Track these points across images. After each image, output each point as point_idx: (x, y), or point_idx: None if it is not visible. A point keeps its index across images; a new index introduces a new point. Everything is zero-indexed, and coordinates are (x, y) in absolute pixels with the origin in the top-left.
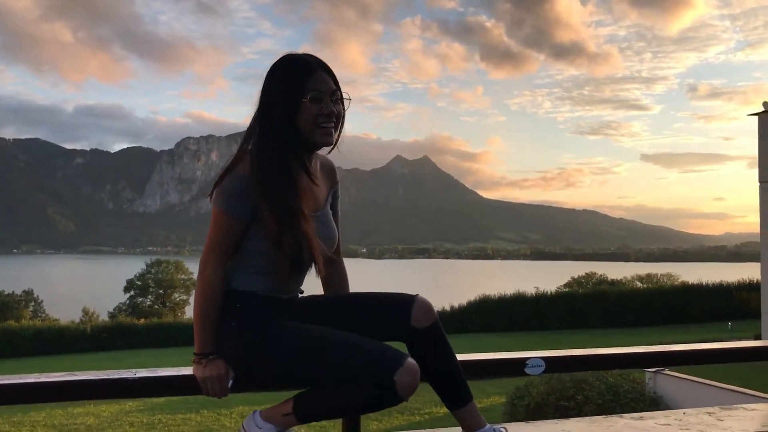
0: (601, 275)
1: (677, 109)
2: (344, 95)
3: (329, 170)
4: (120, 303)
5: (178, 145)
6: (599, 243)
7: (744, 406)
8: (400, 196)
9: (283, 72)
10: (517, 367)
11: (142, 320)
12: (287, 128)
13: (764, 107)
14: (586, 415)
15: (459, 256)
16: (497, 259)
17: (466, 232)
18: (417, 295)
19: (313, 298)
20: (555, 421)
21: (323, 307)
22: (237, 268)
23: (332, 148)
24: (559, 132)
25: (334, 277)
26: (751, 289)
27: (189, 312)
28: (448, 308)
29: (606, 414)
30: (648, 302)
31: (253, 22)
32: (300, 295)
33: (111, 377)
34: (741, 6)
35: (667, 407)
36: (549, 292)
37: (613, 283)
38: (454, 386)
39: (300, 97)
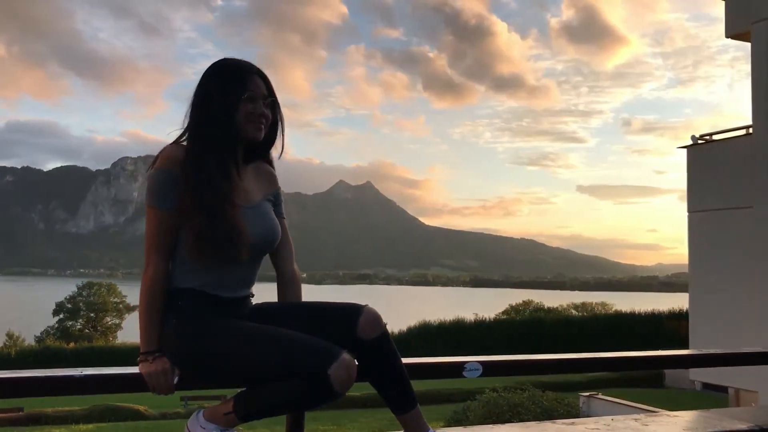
0: (537, 303)
1: (612, 142)
2: (276, 102)
3: (268, 174)
4: (48, 327)
5: (114, 164)
6: (536, 271)
7: (667, 413)
8: (343, 222)
9: (223, 73)
10: (455, 370)
11: (72, 344)
12: (228, 125)
13: (692, 140)
14: None
15: (400, 282)
16: (438, 285)
17: (407, 259)
18: (365, 305)
19: (262, 304)
20: (490, 426)
21: (270, 313)
22: (174, 265)
23: (268, 150)
24: (498, 162)
25: (288, 284)
26: (681, 318)
27: (121, 336)
28: None
29: None
30: (582, 329)
31: (195, 43)
32: (252, 299)
33: (56, 375)
34: (672, 45)
35: None
36: (488, 319)
37: (550, 310)
38: (400, 392)
39: (240, 95)
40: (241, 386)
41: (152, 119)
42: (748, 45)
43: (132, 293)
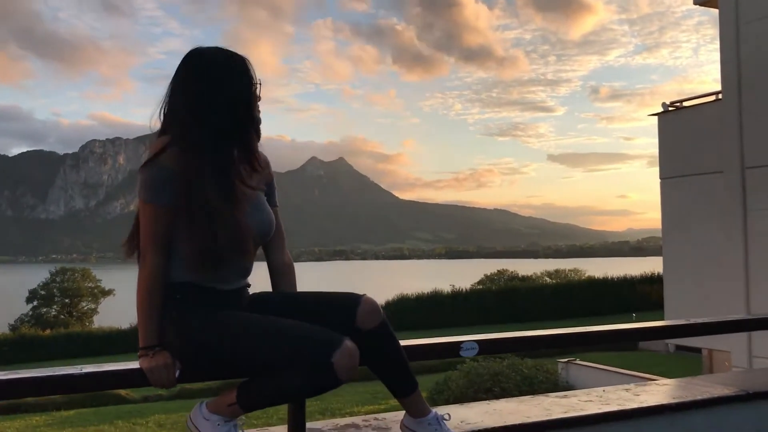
0: (512, 272)
1: (581, 110)
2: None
3: (263, 162)
4: (22, 314)
5: (82, 148)
6: (510, 241)
7: (657, 382)
8: (316, 198)
9: (229, 64)
10: (452, 350)
11: (47, 331)
12: (247, 119)
13: (663, 108)
14: None
15: (376, 256)
16: (413, 258)
17: (382, 233)
18: (363, 295)
19: (259, 295)
20: (487, 402)
21: (268, 304)
22: (171, 259)
23: (259, 137)
24: (469, 134)
25: (282, 273)
26: (652, 281)
27: (98, 321)
28: None
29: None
30: (557, 297)
31: (160, 21)
32: (248, 289)
33: (56, 374)
34: (638, 12)
35: None
36: (464, 290)
37: (524, 279)
38: (400, 377)
39: (254, 90)
40: (243, 377)
41: (120, 100)
42: (715, 11)
43: (107, 277)
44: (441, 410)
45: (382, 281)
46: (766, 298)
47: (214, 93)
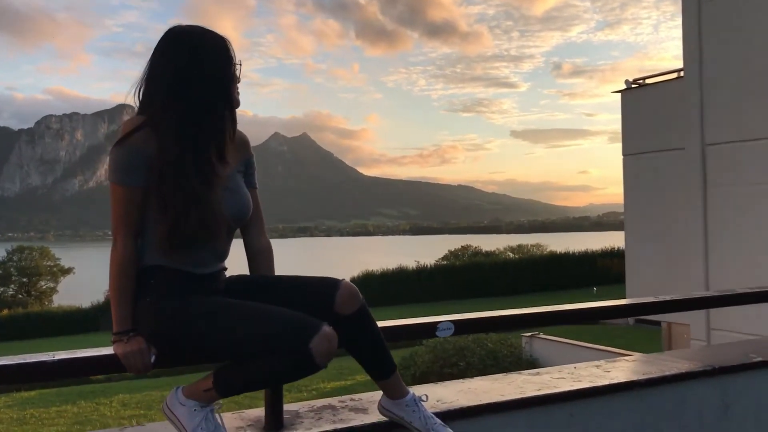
0: (476, 247)
1: (543, 86)
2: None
3: (241, 141)
4: None
5: (38, 123)
6: (474, 216)
7: (626, 358)
8: (280, 175)
9: (207, 40)
10: (428, 330)
11: (5, 311)
12: (226, 99)
13: (626, 85)
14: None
15: (341, 233)
16: (378, 235)
17: (347, 210)
18: (342, 280)
19: (236, 278)
20: (461, 381)
21: (246, 288)
22: (143, 242)
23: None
24: (433, 109)
25: (260, 256)
26: (613, 255)
27: (57, 300)
28: None
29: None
30: (520, 272)
31: None
32: (225, 272)
33: (27, 361)
34: None
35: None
36: (428, 266)
37: (487, 254)
38: (379, 360)
39: (232, 71)
40: (220, 362)
41: (77, 74)
42: None
43: (66, 255)
44: (417, 390)
45: (347, 258)
46: (725, 272)
47: (192, 69)
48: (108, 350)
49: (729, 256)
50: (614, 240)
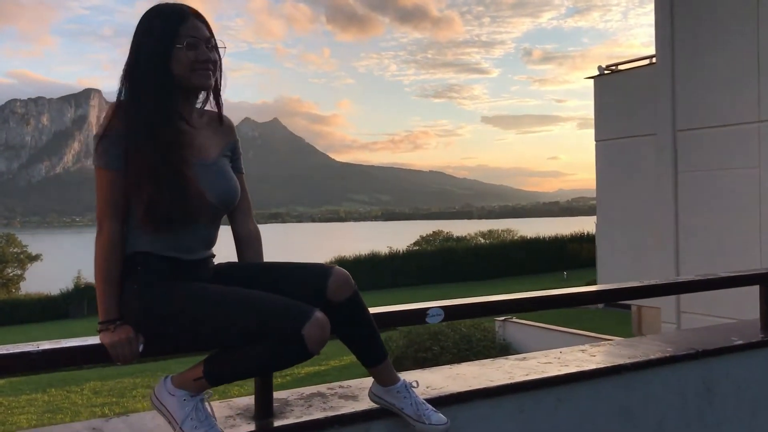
0: (447, 233)
1: (514, 72)
2: (219, 43)
3: (226, 125)
4: None
5: (2, 108)
6: (445, 202)
7: (610, 343)
8: (251, 160)
9: (155, 19)
10: (418, 316)
11: None
12: (161, 75)
13: (599, 71)
14: (443, 364)
15: (312, 219)
16: (350, 221)
17: (318, 196)
18: (334, 266)
19: (225, 265)
20: (449, 366)
21: (234, 275)
22: (128, 228)
23: (219, 101)
24: (405, 95)
25: (248, 243)
26: (582, 240)
27: (24, 288)
28: None
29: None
30: (492, 257)
31: None
32: (213, 260)
33: (11, 351)
34: None
35: (516, 352)
36: (401, 251)
37: (459, 239)
38: (371, 347)
39: (174, 43)
40: (209, 350)
41: (41, 57)
42: None
43: (33, 242)
44: (406, 377)
45: (319, 244)
46: (695, 257)
47: (142, 45)
48: (94, 339)
49: (699, 240)
50: (583, 225)
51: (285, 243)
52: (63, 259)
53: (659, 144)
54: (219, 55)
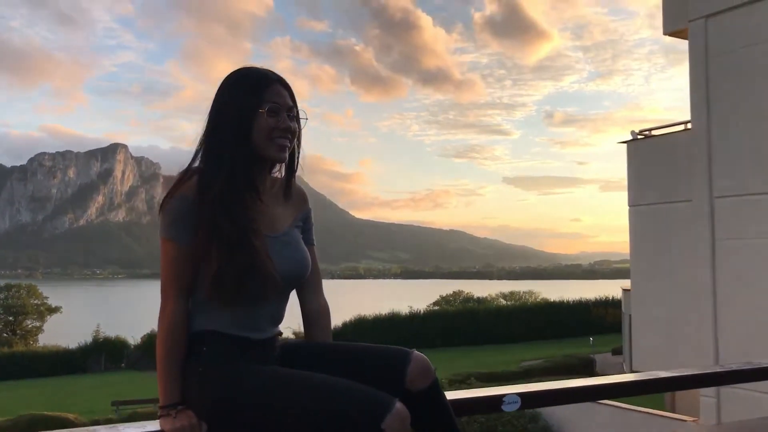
0: (467, 293)
1: (535, 134)
2: (300, 113)
3: (298, 195)
4: None
5: (31, 160)
6: (465, 262)
7: (685, 423)
8: None
9: (238, 83)
10: (493, 403)
11: None
12: (240, 141)
13: (632, 135)
14: None
15: (332, 276)
16: (369, 278)
17: (338, 252)
18: (413, 351)
19: (294, 344)
20: None
21: (305, 355)
22: (195, 304)
23: (294, 169)
24: (426, 154)
25: (317, 319)
26: (607, 305)
27: (43, 340)
28: None
29: None
30: (514, 319)
31: (115, 33)
32: (280, 338)
33: None
34: (592, 39)
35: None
36: (421, 311)
37: (479, 300)
38: None
39: (256, 108)
40: None
41: (73, 112)
42: (663, 38)
43: (54, 294)
44: None
45: (339, 301)
46: (736, 335)
47: (223, 109)
48: (154, 425)
49: (739, 315)
50: (606, 289)
51: None
52: (82, 311)
53: (695, 210)
54: (299, 126)
